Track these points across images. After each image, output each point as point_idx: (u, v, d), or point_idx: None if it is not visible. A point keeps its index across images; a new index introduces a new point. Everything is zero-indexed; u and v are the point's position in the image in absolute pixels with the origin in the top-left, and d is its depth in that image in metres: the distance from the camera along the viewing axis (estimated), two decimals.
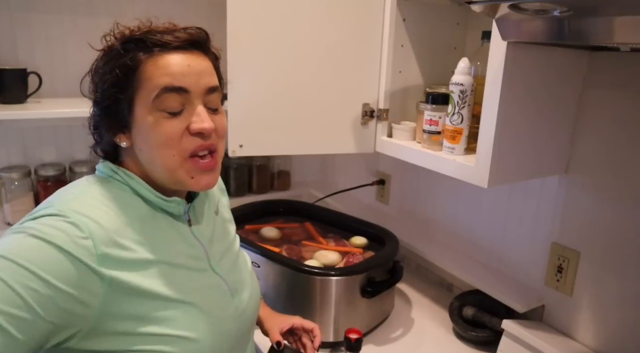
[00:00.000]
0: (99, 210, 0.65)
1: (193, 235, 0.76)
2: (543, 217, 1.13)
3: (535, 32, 0.76)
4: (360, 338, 0.95)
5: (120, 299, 0.63)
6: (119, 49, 0.66)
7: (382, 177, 1.63)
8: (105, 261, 0.62)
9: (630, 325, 0.98)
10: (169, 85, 0.66)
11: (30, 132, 1.46)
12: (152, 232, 0.69)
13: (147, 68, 0.66)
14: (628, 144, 0.95)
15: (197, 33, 0.70)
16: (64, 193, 0.68)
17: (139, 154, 0.70)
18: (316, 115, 1.20)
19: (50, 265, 0.58)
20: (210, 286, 0.75)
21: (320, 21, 1.15)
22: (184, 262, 0.72)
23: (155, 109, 0.66)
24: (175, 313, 0.68)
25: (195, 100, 0.68)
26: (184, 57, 0.67)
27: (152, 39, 0.66)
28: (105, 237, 0.63)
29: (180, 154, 0.68)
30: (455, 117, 0.98)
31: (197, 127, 0.67)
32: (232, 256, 0.85)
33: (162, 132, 0.66)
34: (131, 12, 1.52)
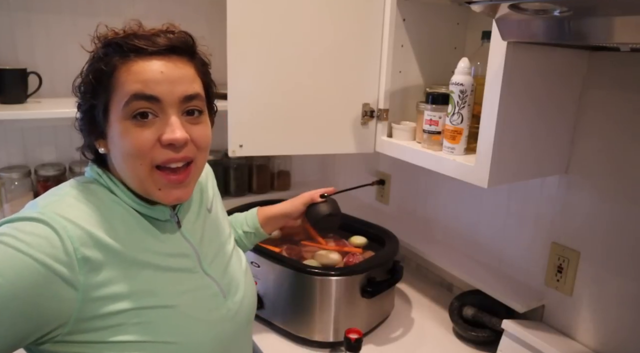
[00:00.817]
0: (80, 212, 0.64)
1: (183, 237, 0.75)
2: (543, 217, 1.13)
3: (535, 32, 0.76)
4: (360, 338, 0.95)
5: (96, 308, 0.61)
6: (99, 54, 0.65)
7: (382, 177, 1.63)
8: (85, 265, 0.60)
9: (630, 325, 0.98)
10: (139, 93, 0.63)
11: (30, 132, 1.46)
12: (136, 235, 0.68)
13: (120, 74, 0.64)
14: (628, 144, 0.95)
15: (179, 38, 0.67)
16: (47, 195, 0.67)
17: (114, 161, 0.68)
18: (316, 115, 1.20)
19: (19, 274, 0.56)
20: (199, 288, 0.73)
21: (320, 21, 1.15)
22: (170, 264, 0.70)
23: (126, 117, 0.64)
24: (154, 318, 0.66)
25: (169, 110, 0.65)
26: (160, 63, 0.64)
27: (129, 43, 0.64)
28: (86, 240, 0.61)
29: (149, 164, 0.65)
30: (455, 117, 0.98)
31: (167, 138, 0.64)
32: (225, 256, 0.83)
33: (131, 141, 0.64)
34: (131, 12, 1.51)
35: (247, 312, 0.83)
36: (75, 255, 0.60)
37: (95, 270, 0.61)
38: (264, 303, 1.20)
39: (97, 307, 0.61)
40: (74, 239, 0.60)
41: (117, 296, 0.63)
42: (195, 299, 0.72)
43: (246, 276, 0.86)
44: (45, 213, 0.61)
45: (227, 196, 1.71)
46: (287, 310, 1.17)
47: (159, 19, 1.67)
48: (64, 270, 0.58)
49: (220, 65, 1.05)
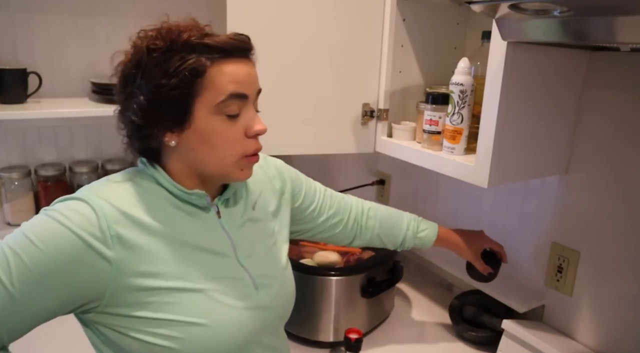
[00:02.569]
0: (119, 195, 0.69)
1: (221, 227, 0.78)
2: (543, 217, 1.13)
3: (536, 32, 0.76)
4: (360, 338, 0.95)
5: (129, 283, 0.66)
6: (181, 52, 0.68)
7: (382, 177, 1.63)
8: (118, 242, 0.66)
9: (629, 325, 0.98)
10: (235, 93, 0.70)
11: (30, 132, 1.46)
12: (173, 219, 0.72)
13: (214, 73, 0.69)
14: (628, 144, 0.95)
15: (249, 41, 0.74)
16: (97, 181, 0.73)
17: (190, 152, 0.72)
18: (316, 115, 1.20)
19: (60, 244, 0.63)
20: (231, 277, 0.76)
21: (320, 21, 1.15)
22: (205, 249, 0.74)
23: (218, 113, 0.70)
24: (185, 299, 0.70)
25: (250, 105, 0.73)
26: (244, 65, 0.72)
27: (213, 44, 0.69)
28: (120, 219, 0.67)
29: (239, 154, 0.73)
30: (455, 117, 0.98)
31: (256, 130, 0.73)
32: (264, 251, 0.84)
33: (223, 136, 0.71)
34: (131, 12, 1.51)
35: (280, 308, 0.85)
36: (109, 232, 0.65)
37: (128, 248, 0.66)
38: None
39: (131, 282, 0.66)
40: (108, 217, 0.66)
41: (148, 274, 0.68)
42: (224, 286, 0.75)
43: (284, 273, 0.87)
44: (87, 194, 0.68)
45: None
46: None
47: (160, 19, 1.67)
48: (99, 245, 0.64)
49: None
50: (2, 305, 0.62)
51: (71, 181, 1.51)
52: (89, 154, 1.56)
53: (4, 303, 0.62)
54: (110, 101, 1.39)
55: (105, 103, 1.39)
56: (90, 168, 1.49)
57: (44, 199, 1.46)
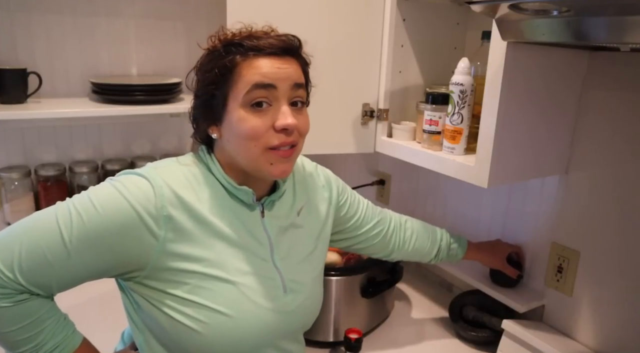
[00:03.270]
0: (178, 179, 0.74)
1: (262, 226, 0.80)
2: (543, 217, 1.13)
3: (535, 32, 0.76)
4: (360, 338, 0.95)
5: (170, 261, 0.71)
6: (221, 51, 0.73)
7: (382, 177, 1.63)
8: (168, 222, 0.70)
9: (629, 324, 0.98)
10: (259, 82, 0.71)
11: (30, 132, 1.46)
12: (220, 209, 0.76)
13: (242, 69, 0.72)
14: (628, 144, 0.95)
15: (290, 40, 0.76)
16: (161, 161, 0.78)
17: (227, 145, 0.76)
18: (316, 115, 1.19)
19: (117, 213, 0.68)
20: (263, 276, 0.78)
21: (320, 21, 1.15)
22: (244, 245, 0.77)
23: (245, 105, 0.72)
24: (216, 287, 0.73)
25: (282, 98, 0.74)
26: (275, 60, 0.73)
27: (249, 44, 0.73)
28: (174, 202, 0.71)
29: (263, 145, 0.73)
30: (455, 117, 0.98)
31: (281, 124, 0.73)
32: (300, 258, 0.86)
33: (249, 125, 0.72)
34: (131, 12, 1.51)
35: (305, 315, 0.86)
36: (162, 211, 0.70)
37: (176, 229, 0.71)
38: None
39: (171, 260, 0.71)
40: (164, 198, 0.70)
41: (188, 257, 0.72)
42: (255, 283, 0.77)
43: (315, 283, 0.88)
44: (151, 173, 0.73)
45: None
46: None
47: (159, 19, 1.67)
48: (151, 221, 0.69)
49: None
50: (58, 257, 0.68)
51: (71, 181, 1.51)
52: (89, 154, 1.56)
53: (61, 255, 0.68)
54: (110, 101, 1.39)
55: (105, 103, 1.39)
56: (90, 168, 1.49)
57: (44, 199, 1.45)
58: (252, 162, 0.75)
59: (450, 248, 1.11)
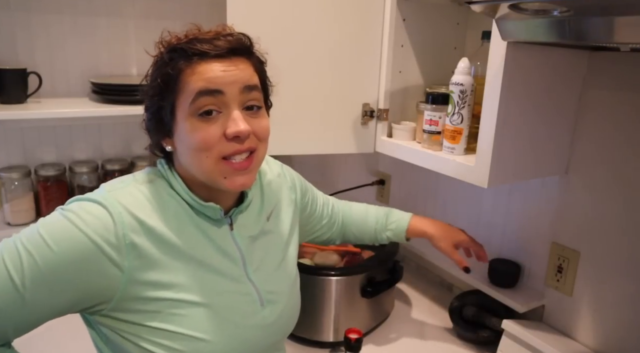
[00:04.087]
0: (138, 202, 0.69)
1: (232, 240, 0.77)
2: (543, 217, 1.13)
3: (535, 32, 0.76)
4: (360, 338, 0.95)
5: (138, 291, 0.67)
6: (165, 58, 0.69)
7: (382, 177, 1.63)
8: (132, 251, 0.66)
9: (629, 325, 0.98)
10: (204, 89, 0.67)
11: (30, 132, 1.46)
12: (186, 230, 0.72)
13: (185, 76, 0.68)
14: (628, 144, 0.95)
15: (237, 40, 0.71)
16: (116, 182, 0.72)
17: (180, 157, 0.72)
18: (316, 115, 1.20)
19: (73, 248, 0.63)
20: (238, 293, 0.75)
21: (320, 21, 1.15)
22: (214, 264, 0.73)
23: (193, 114, 0.68)
24: (190, 312, 0.70)
25: (232, 104, 0.69)
26: (221, 63, 0.69)
27: (192, 48, 0.68)
28: (137, 228, 0.67)
29: (215, 156, 0.69)
30: (455, 117, 0.98)
31: (232, 131, 0.68)
32: (274, 266, 0.83)
33: (198, 136, 0.68)
34: (131, 12, 1.52)
35: (284, 324, 0.84)
36: (124, 240, 0.65)
37: (141, 257, 0.67)
38: None
39: (140, 290, 0.67)
40: (125, 225, 0.66)
41: (158, 284, 0.68)
42: (231, 302, 0.74)
43: (292, 289, 0.86)
44: (107, 198, 0.67)
45: None
46: None
47: (159, 19, 1.67)
48: (112, 252, 0.64)
49: None
50: (11, 303, 0.62)
51: (71, 181, 1.51)
52: (89, 154, 1.56)
53: (14, 301, 0.62)
54: (110, 101, 1.39)
55: (105, 103, 1.39)
56: (90, 168, 1.49)
57: (44, 199, 1.46)
58: (207, 175, 0.70)
59: (388, 229, 1.08)
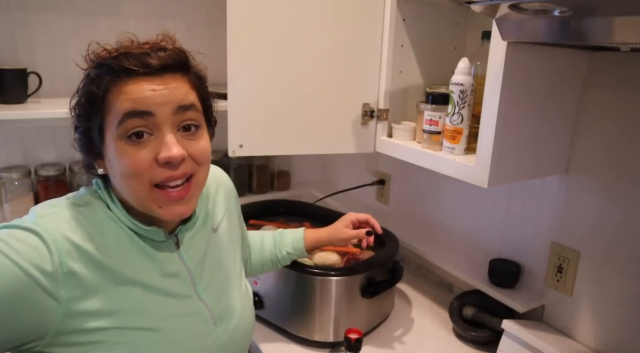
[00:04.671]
0: (74, 227, 0.64)
1: (180, 259, 0.73)
2: (543, 217, 1.13)
3: (535, 32, 0.76)
4: (360, 338, 0.95)
5: (77, 322, 0.62)
6: (91, 75, 0.64)
7: (382, 177, 1.63)
8: (70, 279, 0.61)
9: (630, 325, 0.98)
10: (131, 110, 0.61)
11: (30, 132, 1.46)
12: (128, 254, 0.67)
13: (112, 95, 0.63)
14: (628, 144, 0.95)
15: (170, 56, 0.65)
16: (47, 206, 0.66)
17: (113, 181, 0.67)
18: (316, 115, 1.20)
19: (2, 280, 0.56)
20: (188, 314, 0.72)
21: (320, 21, 1.15)
22: (161, 286, 0.69)
23: (120, 137, 0.62)
24: (137, 339, 0.65)
25: (164, 126, 0.63)
26: (151, 83, 0.63)
27: (119, 65, 0.62)
28: (74, 255, 0.61)
29: (147, 183, 0.64)
30: (455, 117, 0.98)
31: (163, 156, 0.62)
32: (224, 280, 0.80)
33: (127, 161, 0.63)
34: (131, 12, 1.51)
35: (240, 340, 0.81)
36: (62, 268, 0.60)
37: (80, 285, 0.61)
38: (264, 304, 1.20)
39: (79, 322, 0.61)
40: (62, 252, 0.60)
41: (100, 313, 0.63)
42: (182, 324, 0.71)
43: (244, 302, 0.83)
44: (39, 224, 0.61)
45: None
46: (287, 310, 1.17)
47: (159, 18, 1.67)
48: (47, 282, 0.59)
49: (221, 65, 1.05)
50: None
51: (71, 181, 1.50)
52: None
53: None
54: None
55: None
56: None
57: (44, 199, 1.44)
58: (140, 203, 0.65)
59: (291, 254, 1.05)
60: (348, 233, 1.06)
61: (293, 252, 1.06)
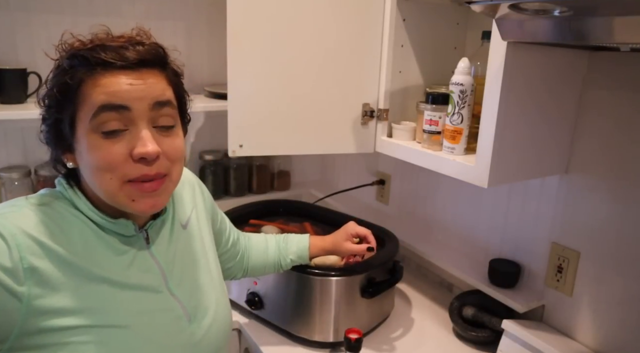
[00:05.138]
0: (34, 223, 0.62)
1: (150, 254, 0.72)
2: (543, 217, 1.13)
3: (535, 32, 0.76)
4: (360, 338, 0.95)
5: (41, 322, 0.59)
6: (64, 65, 0.63)
7: (382, 177, 1.63)
8: (31, 275, 0.59)
9: (630, 325, 0.98)
10: (107, 103, 0.60)
11: (30, 132, 1.46)
12: (94, 249, 0.65)
13: (87, 87, 0.61)
14: (628, 144, 0.95)
15: (148, 50, 0.64)
16: (4, 205, 0.65)
17: (83, 175, 0.66)
18: (316, 115, 1.20)
19: None
20: (159, 309, 0.70)
21: (320, 21, 1.15)
22: (130, 282, 0.68)
23: (94, 130, 0.61)
24: (106, 338, 0.63)
25: (140, 121, 0.63)
26: (128, 76, 0.62)
27: (95, 56, 0.61)
28: (35, 250, 0.60)
29: (120, 178, 0.63)
30: (455, 117, 0.98)
31: (138, 152, 0.62)
32: (198, 276, 0.79)
33: (101, 155, 0.61)
34: (131, 12, 1.51)
35: (216, 338, 0.79)
36: (22, 264, 0.58)
37: (43, 282, 0.59)
38: (264, 304, 1.20)
39: (42, 321, 0.59)
40: (22, 247, 0.58)
41: (65, 311, 0.61)
42: (153, 321, 0.69)
43: (219, 299, 0.82)
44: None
45: (227, 196, 1.71)
46: (287, 310, 1.17)
47: (159, 19, 1.67)
48: (7, 279, 0.57)
49: (220, 65, 1.05)
50: None
51: None
52: None
53: None
54: None
55: None
56: None
57: None
58: (112, 197, 0.64)
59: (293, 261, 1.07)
60: (351, 248, 1.08)
61: (297, 259, 1.08)
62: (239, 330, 1.26)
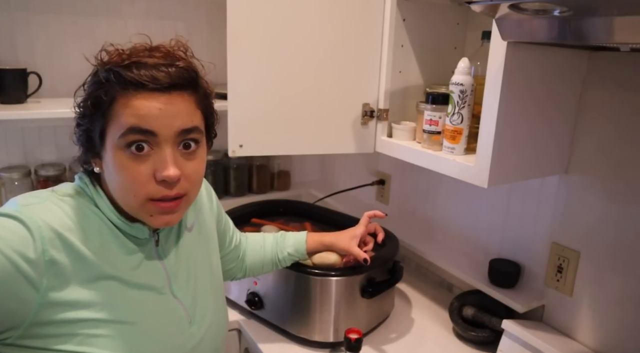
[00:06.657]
0: (57, 217, 0.64)
1: (157, 256, 0.75)
2: (543, 217, 1.13)
3: (535, 32, 0.76)
4: (360, 338, 0.95)
5: (53, 313, 0.62)
6: (100, 76, 0.65)
7: (382, 177, 1.63)
8: (51, 268, 0.61)
9: (630, 325, 0.98)
10: (135, 126, 0.63)
11: (30, 132, 1.46)
12: (109, 248, 0.68)
13: (119, 106, 0.63)
14: (628, 144, 0.95)
15: (180, 74, 0.65)
16: (28, 196, 0.67)
17: (107, 182, 0.69)
18: (316, 115, 1.20)
19: None
20: (163, 310, 0.73)
21: (320, 21, 1.15)
22: (138, 282, 0.71)
23: (121, 147, 0.64)
24: (113, 332, 0.66)
25: (165, 145, 0.65)
26: (159, 99, 0.64)
27: (128, 75, 0.63)
28: (57, 243, 0.62)
29: (143, 197, 0.66)
30: (455, 117, 0.98)
31: (161, 175, 0.65)
32: (199, 279, 0.81)
33: (126, 174, 0.64)
34: (131, 12, 1.51)
35: (214, 339, 0.81)
36: (44, 256, 0.60)
37: (59, 275, 0.62)
38: (264, 304, 1.20)
39: (55, 312, 0.62)
40: (45, 240, 0.61)
41: (77, 304, 0.63)
42: (157, 320, 0.72)
43: (218, 302, 0.84)
44: (22, 212, 0.62)
45: (227, 196, 1.72)
46: (287, 310, 1.17)
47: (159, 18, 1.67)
48: (29, 270, 0.59)
49: (220, 65, 1.05)
50: None
51: (71, 181, 1.51)
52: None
53: None
54: None
55: None
56: None
57: None
58: (131, 210, 0.68)
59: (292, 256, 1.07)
60: (351, 248, 1.07)
61: (294, 253, 1.07)
62: (239, 330, 1.27)
